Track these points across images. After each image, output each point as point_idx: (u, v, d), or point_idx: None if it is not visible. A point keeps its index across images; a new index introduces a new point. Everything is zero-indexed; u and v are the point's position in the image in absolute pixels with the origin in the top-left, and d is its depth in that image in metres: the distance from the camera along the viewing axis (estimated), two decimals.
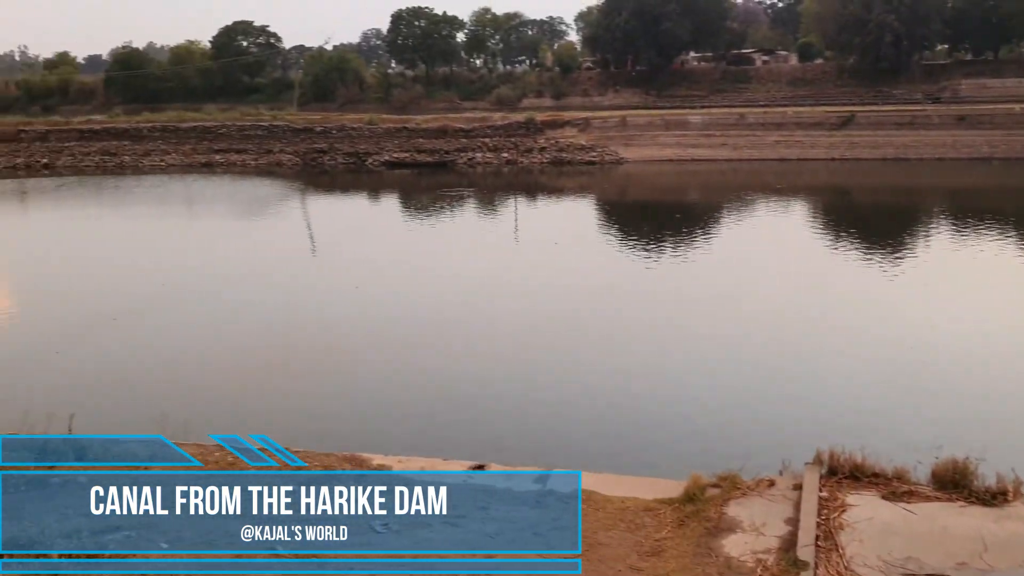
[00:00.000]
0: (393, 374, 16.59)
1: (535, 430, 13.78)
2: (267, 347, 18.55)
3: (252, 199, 48.81)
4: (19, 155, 61.66)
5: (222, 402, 14.87)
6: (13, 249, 33.68)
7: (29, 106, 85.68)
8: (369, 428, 13.65)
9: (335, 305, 22.47)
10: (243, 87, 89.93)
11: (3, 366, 17.12)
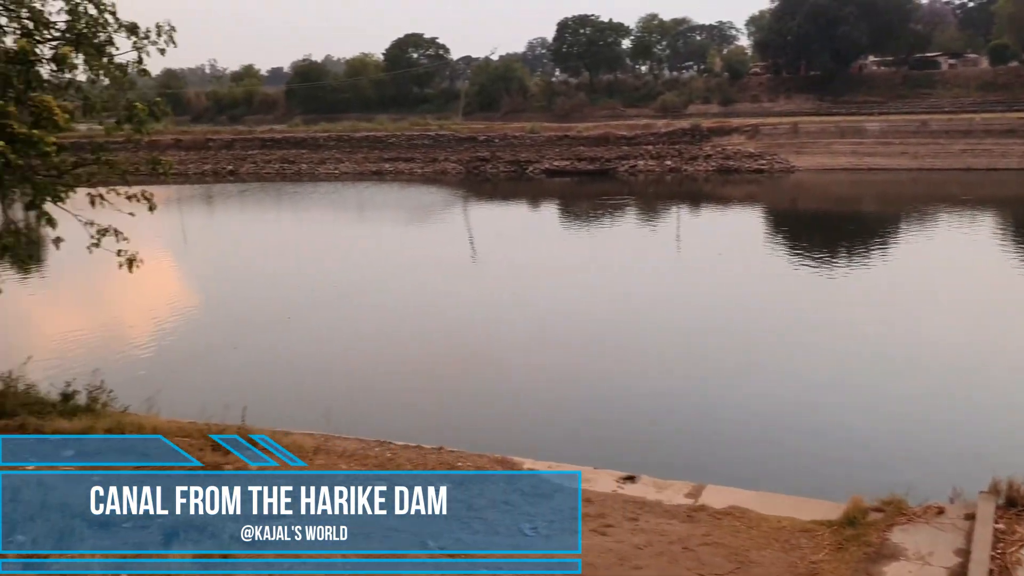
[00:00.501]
0: (548, 380, 16.54)
1: (688, 443, 13.39)
2: (426, 349, 18.92)
3: (418, 206, 50.26)
4: (207, 162, 66.14)
5: (381, 401, 15.24)
6: (201, 250, 36.07)
7: (217, 116, 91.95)
8: (520, 432, 13.62)
9: (492, 310, 22.68)
10: (413, 98, 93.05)
11: (186, 359, 18.22)
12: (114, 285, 23.14)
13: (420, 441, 10.94)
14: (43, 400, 11.68)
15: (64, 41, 12.15)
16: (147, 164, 13.16)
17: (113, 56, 12.23)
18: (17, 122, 11.07)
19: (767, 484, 10.13)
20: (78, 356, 17.43)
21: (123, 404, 12.10)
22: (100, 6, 12.00)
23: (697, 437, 13.64)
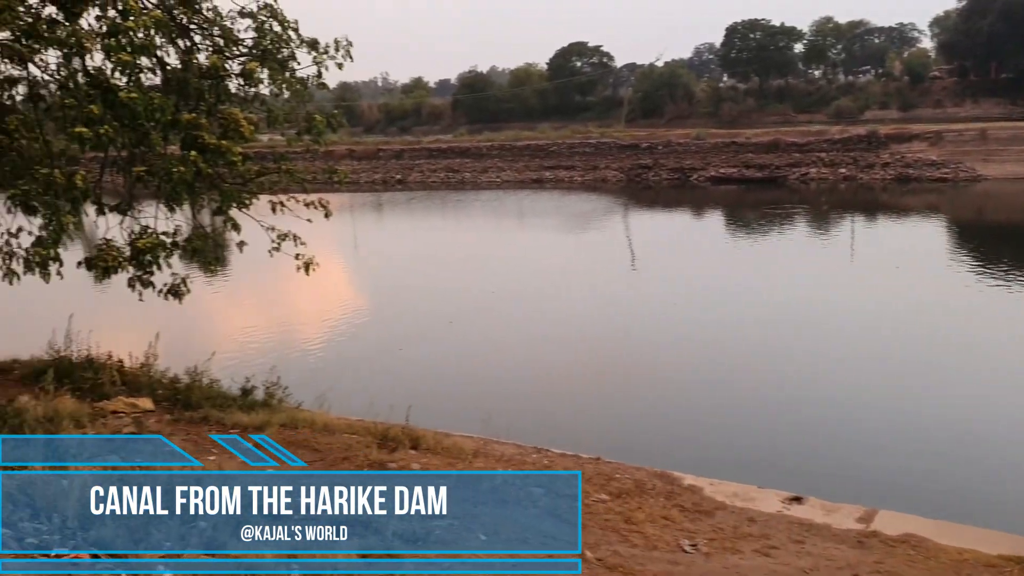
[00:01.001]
0: (709, 393, 16.13)
1: (859, 465, 12.66)
2: (585, 357, 18.90)
3: (577, 213, 50.36)
4: (378, 171, 68.85)
5: (539, 407, 15.31)
6: (370, 255, 37.57)
7: (388, 127, 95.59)
8: (681, 446, 13.32)
9: (652, 319, 22.37)
10: (575, 106, 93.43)
11: (355, 359, 18.96)
12: (290, 287, 24.45)
13: (577, 450, 10.90)
14: (224, 394, 12.43)
15: (251, 57, 12.94)
16: (324, 173, 13.81)
17: (295, 70, 12.92)
18: (208, 133, 11.84)
19: (947, 513, 9.48)
20: (256, 353, 18.48)
21: (297, 400, 12.73)
22: (284, 24, 12.69)
23: (870, 460, 12.90)
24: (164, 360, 13.52)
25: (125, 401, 11.35)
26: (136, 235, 12.93)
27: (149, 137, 11.83)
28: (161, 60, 12.20)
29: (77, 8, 10.21)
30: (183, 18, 12.56)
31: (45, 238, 11.26)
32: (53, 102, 12.18)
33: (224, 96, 12.72)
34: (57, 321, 14.24)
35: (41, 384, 11.52)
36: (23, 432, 9.03)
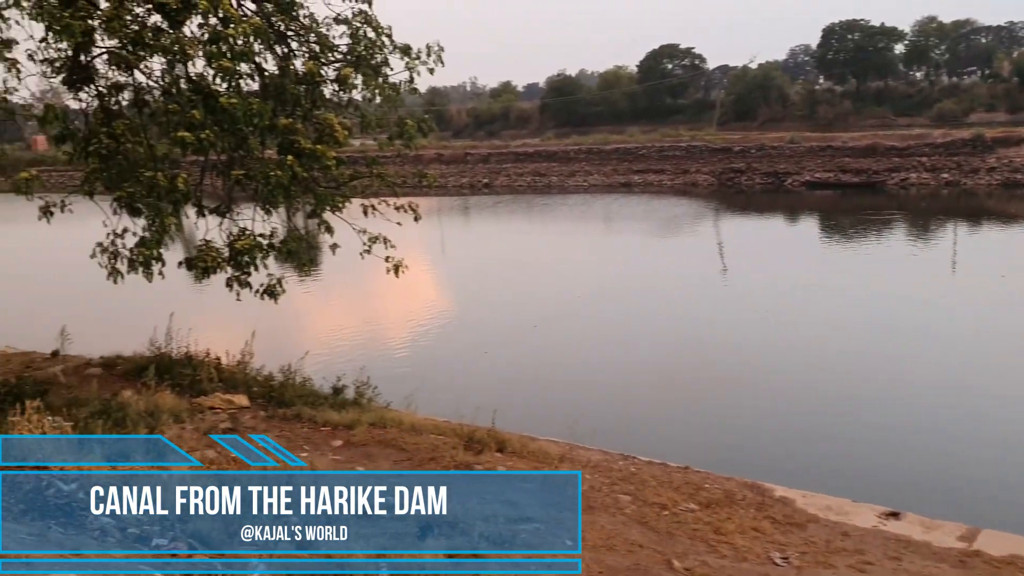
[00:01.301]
0: (800, 403, 15.71)
1: (961, 481, 12.14)
2: (671, 363, 18.63)
3: (666, 218, 49.79)
4: (465, 175, 69.45)
5: (625, 414, 15.15)
6: (456, 258, 37.90)
7: (475, 131, 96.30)
8: (771, 457, 12.99)
9: (742, 326, 21.90)
10: (665, 109, 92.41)
11: (441, 361, 19.12)
12: (378, 288, 24.86)
13: (665, 458, 10.74)
14: (316, 393, 12.70)
15: (345, 63, 13.20)
16: (415, 177, 13.98)
17: (388, 76, 13.12)
18: (304, 138, 12.13)
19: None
20: (346, 353, 18.83)
21: (385, 400, 12.91)
22: (378, 30, 12.90)
23: (971, 475, 12.35)
24: (259, 358, 13.89)
25: (222, 397, 11.70)
26: (234, 237, 13.34)
27: (247, 141, 12.19)
28: (259, 66, 12.55)
29: (181, 16, 10.58)
30: (281, 25, 12.90)
31: (148, 239, 11.71)
32: (157, 107, 12.65)
33: (319, 101, 13.01)
34: (158, 319, 14.78)
35: (143, 379, 11.98)
36: (126, 426, 9.40)
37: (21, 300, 26.14)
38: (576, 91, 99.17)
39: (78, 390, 12.46)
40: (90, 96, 13.46)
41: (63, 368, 13.99)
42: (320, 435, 10.70)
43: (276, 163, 11.98)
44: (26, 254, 35.64)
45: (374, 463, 9.67)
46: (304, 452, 9.63)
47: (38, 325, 19.51)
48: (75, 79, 13.19)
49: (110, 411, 10.00)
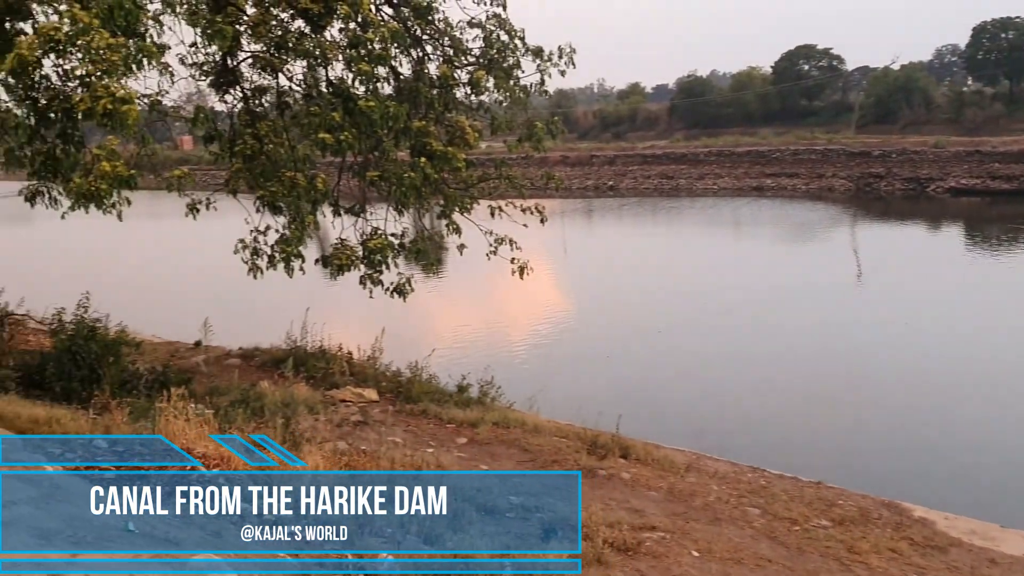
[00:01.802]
0: (941, 421, 14.86)
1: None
2: (801, 375, 17.99)
3: (799, 223, 48.21)
4: (590, 177, 69.21)
5: (754, 424, 14.72)
6: (579, 260, 37.81)
7: (602, 133, 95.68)
8: (910, 476, 12.34)
9: (877, 338, 20.93)
10: (800, 111, 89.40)
11: (564, 363, 19.11)
12: (502, 289, 25.05)
13: (796, 472, 10.38)
14: (442, 390, 12.92)
15: (478, 66, 13.37)
16: (543, 179, 14.03)
17: (519, 79, 13.22)
18: (435, 140, 12.36)
19: None
20: (470, 352, 19.06)
21: (508, 400, 12.99)
22: (512, 33, 13.02)
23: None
24: (387, 354, 14.23)
25: (353, 391, 12.05)
26: (367, 236, 13.73)
27: (382, 143, 12.52)
28: (394, 70, 12.88)
29: (323, 21, 10.96)
30: (416, 29, 13.19)
31: (289, 236, 12.18)
32: (298, 110, 13.16)
33: (451, 104, 13.24)
34: (292, 314, 15.36)
35: (280, 371, 12.48)
36: (263, 415, 9.79)
37: (166, 292, 27.69)
38: (707, 92, 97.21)
39: (219, 379, 13.09)
40: (235, 99, 14.14)
41: (205, 358, 14.73)
42: (445, 432, 10.86)
43: (409, 165, 12.26)
44: (171, 248, 37.75)
45: (497, 462, 9.74)
46: (430, 448, 9.80)
47: (181, 316, 20.61)
48: (222, 82, 13.87)
49: (248, 400, 10.44)
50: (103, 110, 8.32)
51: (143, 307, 20.98)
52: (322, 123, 10.83)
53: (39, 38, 8.72)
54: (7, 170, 15.17)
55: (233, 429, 8.29)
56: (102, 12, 8.24)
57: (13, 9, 11.03)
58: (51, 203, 13.42)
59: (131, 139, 11.48)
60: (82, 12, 8.38)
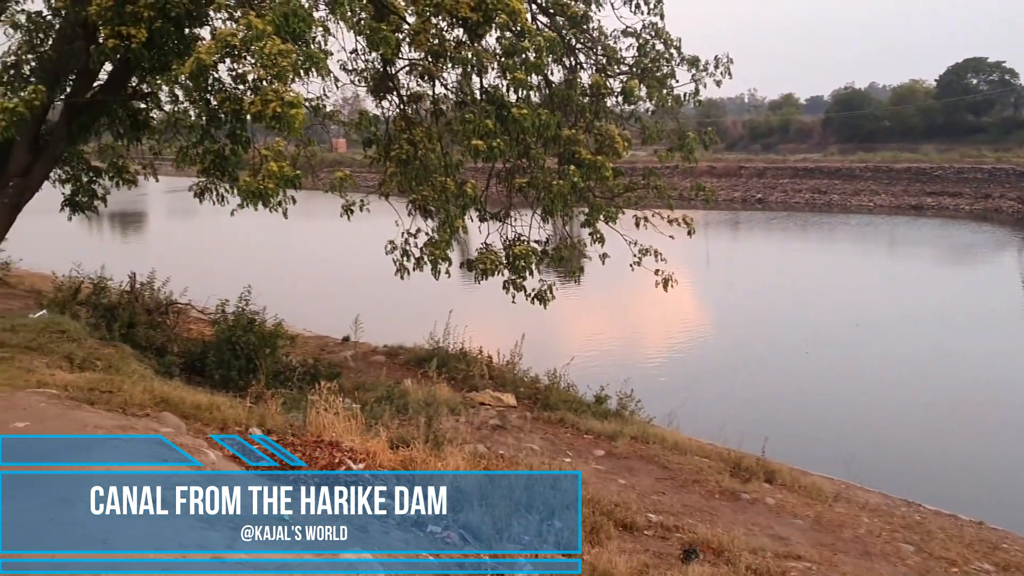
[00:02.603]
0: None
1: None
2: (957, 403, 16.89)
3: (962, 246, 45.44)
4: (737, 189, 67.46)
5: (905, 456, 13.92)
6: (722, 273, 36.93)
7: (750, 144, 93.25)
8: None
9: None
10: (966, 127, 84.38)
11: (705, 380, 18.68)
12: (642, 300, 24.75)
13: (954, 509, 9.74)
14: (579, 400, 12.85)
15: (631, 75, 13.26)
16: (693, 190, 13.77)
17: (672, 88, 13.03)
18: (584, 148, 12.34)
19: None
20: (609, 362, 18.91)
21: (647, 414, 12.78)
22: (667, 42, 12.86)
23: None
24: (526, 360, 14.28)
25: (492, 395, 12.16)
26: (511, 242, 13.86)
27: (531, 150, 12.62)
28: (547, 78, 12.94)
29: (481, 30, 11.12)
30: (571, 38, 13.21)
31: (438, 240, 12.44)
32: (452, 116, 13.42)
33: (602, 112, 13.19)
34: (434, 315, 15.66)
35: (423, 370, 12.75)
36: (407, 413, 10.00)
37: (315, 287, 28.82)
38: (864, 105, 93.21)
39: (365, 374, 13.50)
40: (391, 104, 14.57)
41: (353, 353, 15.22)
42: (583, 442, 10.79)
43: (557, 172, 12.29)
44: (321, 246, 39.29)
45: (635, 477, 9.59)
46: (567, 458, 9.76)
47: (328, 311, 21.41)
48: (380, 88, 14.33)
49: (393, 397, 10.70)
50: (272, 113, 8.73)
51: (294, 301, 21.89)
52: (475, 130, 10.99)
53: (216, 43, 9.23)
54: (179, 167, 16.20)
55: (379, 425, 8.50)
56: (277, 19, 8.63)
57: (192, 15, 11.72)
58: (218, 200, 14.19)
59: (295, 141, 12.03)
60: (257, 19, 8.82)
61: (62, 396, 6.54)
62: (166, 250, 34.84)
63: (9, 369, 7.26)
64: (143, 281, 14.10)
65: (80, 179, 15.51)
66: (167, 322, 13.64)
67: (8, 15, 14.27)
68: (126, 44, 10.93)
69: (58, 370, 7.72)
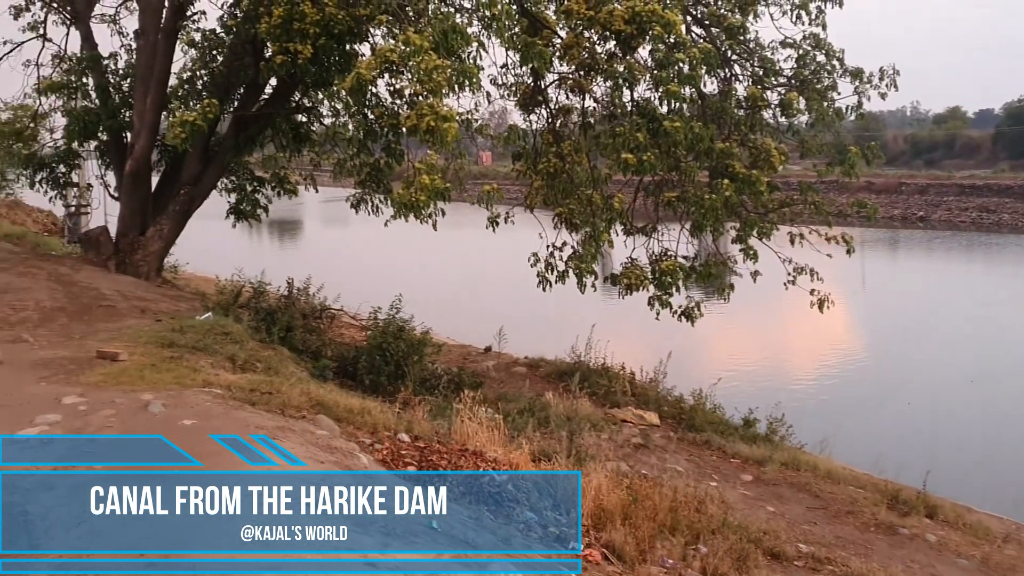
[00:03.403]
0: None
1: None
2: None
3: None
4: (897, 206, 64.10)
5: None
6: (878, 295, 35.15)
7: (912, 159, 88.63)
8: None
9: None
10: None
11: (859, 406, 17.77)
12: (792, 319, 23.83)
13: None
14: (726, 422, 12.46)
15: (789, 87, 12.84)
16: (853, 206, 13.19)
17: (834, 100, 12.52)
18: (738, 162, 12.01)
19: None
20: (757, 384, 18.30)
21: (797, 440, 12.26)
22: (830, 53, 12.38)
23: None
24: (670, 378, 13.98)
25: (634, 412, 11.97)
26: (657, 257, 13.64)
27: (681, 164, 12.39)
28: (699, 89, 12.68)
29: (634, 43, 11.02)
30: (726, 49, 12.92)
31: (583, 253, 12.40)
32: (601, 129, 13.37)
33: (757, 125, 12.82)
34: (575, 328, 15.56)
35: (565, 383, 12.69)
36: (548, 426, 9.98)
37: (456, 296, 29.30)
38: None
39: (507, 385, 13.57)
40: (540, 118, 14.66)
41: (495, 363, 15.34)
42: (729, 466, 10.45)
43: (709, 187, 12.01)
44: (463, 255, 39.93)
45: (785, 505, 9.20)
46: (713, 481, 9.47)
47: (469, 319, 21.70)
48: (529, 102, 14.45)
49: (535, 410, 10.70)
50: (426, 127, 8.94)
51: (438, 308, 22.31)
52: (625, 143, 10.89)
53: (376, 59, 9.54)
54: (336, 178, 16.87)
55: (521, 437, 8.50)
56: (436, 36, 8.82)
57: (353, 32, 12.19)
58: (373, 211, 14.67)
59: (446, 154, 12.26)
60: (416, 36, 9.04)
61: (226, 396, 6.85)
62: (320, 256, 36.32)
63: (178, 368, 7.68)
64: (299, 286, 14.72)
65: (244, 188, 16.40)
66: (321, 327, 14.16)
67: (185, 33, 15.31)
68: (292, 60, 11.50)
69: (222, 370, 8.11)
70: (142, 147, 13.98)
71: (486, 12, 10.02)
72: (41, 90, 16.12)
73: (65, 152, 16.06)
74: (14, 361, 7.76)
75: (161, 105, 14.23)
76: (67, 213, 22.66)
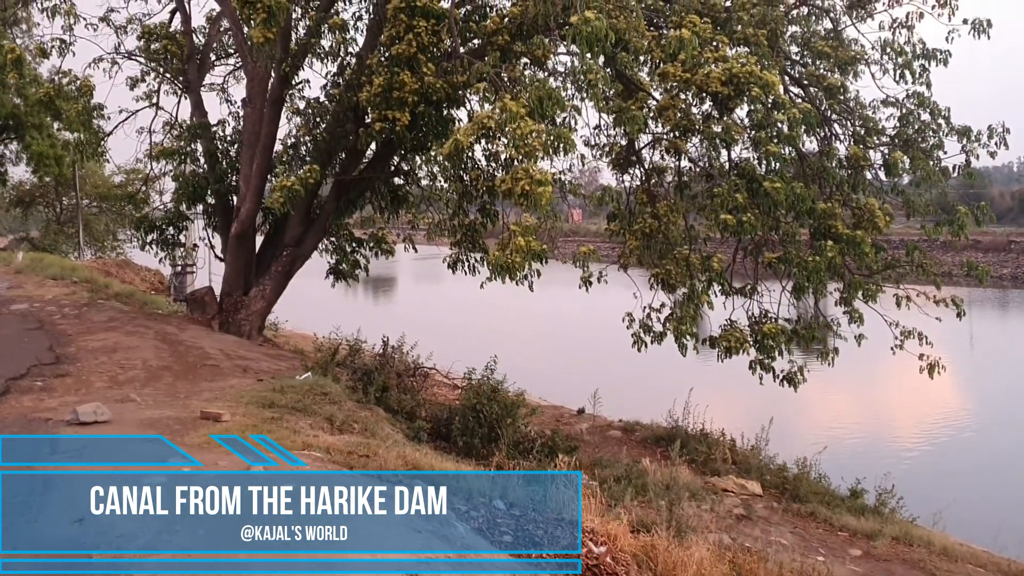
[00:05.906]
0: None
1: None
2: None
3: None
4: (1006, 265, 61.38)
5: None
6: (992, 358, 33.49)
7: (1019, 216, 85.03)
8: None
9: None
10: None
11: (973, 478, 16.78)
12: (899, 385, 22.82)
13: None
14: (832, 492, 11.91)
15: (892, 146, 12.48)
16: (963, 268, 12.65)
17: (940, 160, 12.12)
18: (841, 223, 11.67)
19: None
20: (864, 453, 17.48)
21: (909, 513, 11.62)
22: (935, 112, 12.02)
23: None
24: (772, 445, 13.50)
25: (735, 481, 11.56)
26: (757, 319, 13.29)
27: (781, 224, 12.12)
28: (798, 149, 12.43)
29: (732, 104, 10.91)
30: (826, 109, 12.68)
31: (682, 315, 12.18)
32: (698, 190, 13.22)
33: (860, 185, 12.49)
34: (669, 390, 15.21)
35: (662, 449, 12.39)
36: (646, 494, 9.70)
37: (548, 354, 29.10)
38: None
39: (601, 450, 13.31)
40: (633, 178, 14.61)
41: (588, 426, 15.10)
42: (836, 540, 9.95)
43: (811, 248, 11.69)
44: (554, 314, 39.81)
45: None
46: (820, 555, 9.01)
47: (560, 379, 21.49)
48: (623, 163, 14.44)
49: (632, 477, 10.43)
50: (521, 191, 8.97)
51: (530, 368, 22.21)
52: (724, 204, 10.72)
53: (473, 125, 9.67)
54: (430, 238, 17.14)
55: (619, 507, 8.27)
56: (532, 102, 8.90)
57: (451, 99, 12.46)
58: (470, 271, 14.80)
59: (541, 215, 12.30)
60: (512, 102, 9.14)
61: (325, 459, 6.88)
62: (413, 314, 36.78)
63: (278, 430, 7.76)
64: (394, 344, 14.87)
65: (344, 249, 16.78)
66: (415, 386, 14.22)
67: (291, 102, 15.93)
68: (391, 126, 11.81)
69: (320, 431, 8.17)
70: (247, 210, 14.49)
71: (581, 77, 10.08)
72: (153, 156, 16.99)
73: (174, 214, 16.76)
74: (122, 420, 7.99)
75: (266, 170, 14.76)
76: (174, 272, 23.55)
